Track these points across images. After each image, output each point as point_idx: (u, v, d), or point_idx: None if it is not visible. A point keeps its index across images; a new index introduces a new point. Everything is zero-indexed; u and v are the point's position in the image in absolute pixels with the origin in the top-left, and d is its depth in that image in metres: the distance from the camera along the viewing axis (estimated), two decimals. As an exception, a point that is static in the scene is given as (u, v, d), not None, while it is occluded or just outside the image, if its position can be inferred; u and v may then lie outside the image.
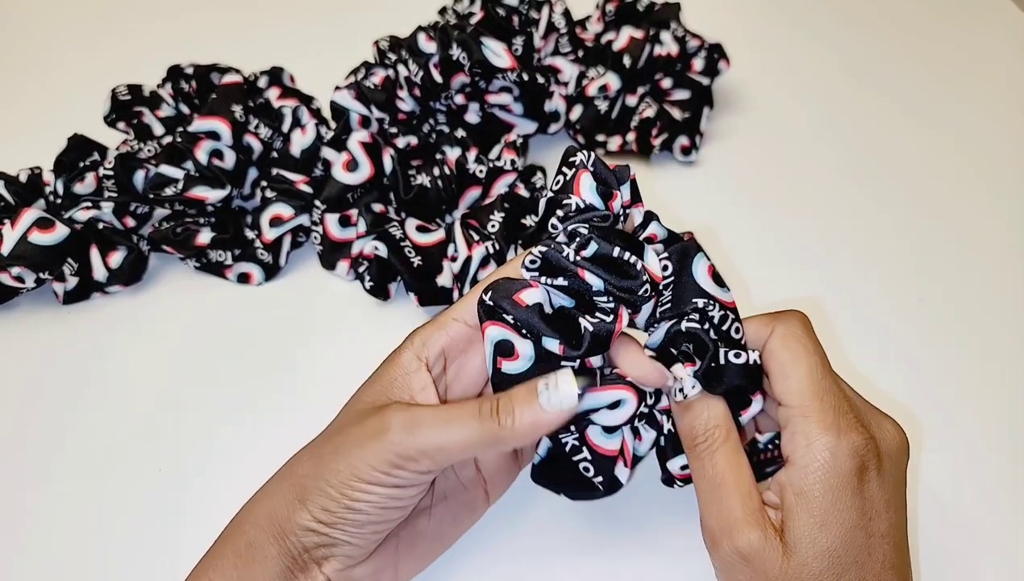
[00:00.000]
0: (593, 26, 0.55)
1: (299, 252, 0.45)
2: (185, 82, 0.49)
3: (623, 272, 0.26)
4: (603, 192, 0.27)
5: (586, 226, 0.27)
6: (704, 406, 0.26)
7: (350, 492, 0.25)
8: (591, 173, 0.27)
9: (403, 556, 0.29)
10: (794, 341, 0.26)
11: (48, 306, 0.42)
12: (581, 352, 0.26)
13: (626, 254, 0.26)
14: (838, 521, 0.24)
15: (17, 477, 0.36)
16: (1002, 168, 0.52)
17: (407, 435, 0.25)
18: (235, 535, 0.27)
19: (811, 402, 0.25)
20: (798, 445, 0.25)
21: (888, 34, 0.63)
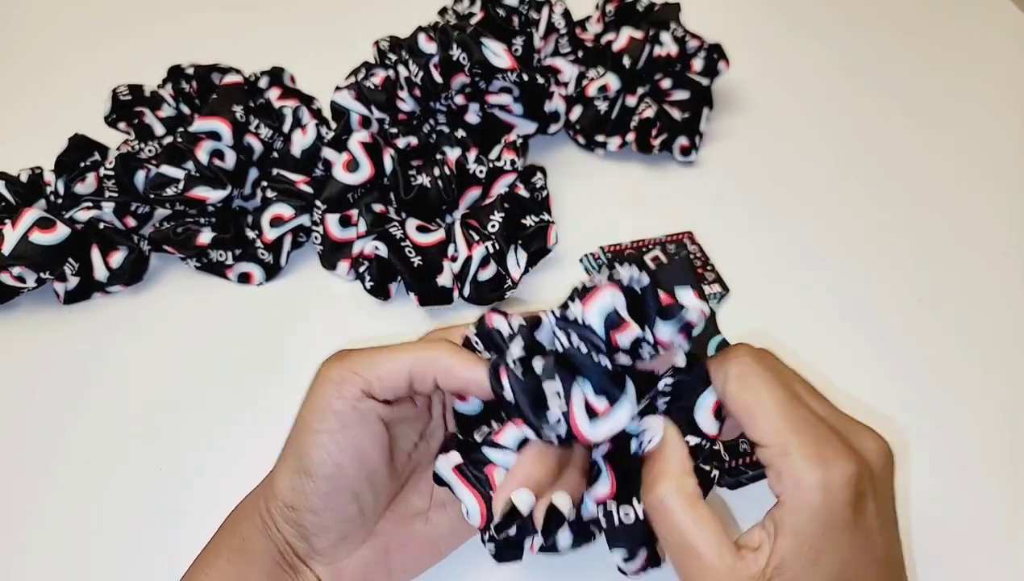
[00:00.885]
0: (593, 26, 0.55)
1: (300, 252, 0.45)
2: (186, 82, 0.49)
3: (537, 406, 0.25)
4: (613, 321, 0.25)
5: (567, 340, 0.25)
6: (661, 460, 0.25)
7: (303, 452, 0.26)
8: (620, 294, 0.25)
9: (395, 557, 0.29)
10: (751, 378, 0.25)
11: (49, 306, 0.42)
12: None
13: (555, 397, 0.24)
14: (831, 557, 0.23)
15: (17, 477, 0.36)
16: (1002, 168, 0.52)
17: (337, 364, 0.26)
18: (228, 532, 0.27)
19: (788, 437, 0.24)
20: (786, 487, 0.24)
21: (888, 34, 0.63)
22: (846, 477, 0.23)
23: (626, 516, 0.26)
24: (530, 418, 0.25)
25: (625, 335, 0.25)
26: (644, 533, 0.26)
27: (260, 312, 0.43)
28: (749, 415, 0.25)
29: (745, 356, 0.25)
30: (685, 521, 0.24)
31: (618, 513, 0.26)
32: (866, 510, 0.23)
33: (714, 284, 0.43)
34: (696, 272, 0.25)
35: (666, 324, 0.25)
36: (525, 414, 0.25)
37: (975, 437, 0.38)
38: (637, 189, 0.50)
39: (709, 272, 0.43)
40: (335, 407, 0.26)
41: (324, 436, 0.26)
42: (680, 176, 0.50)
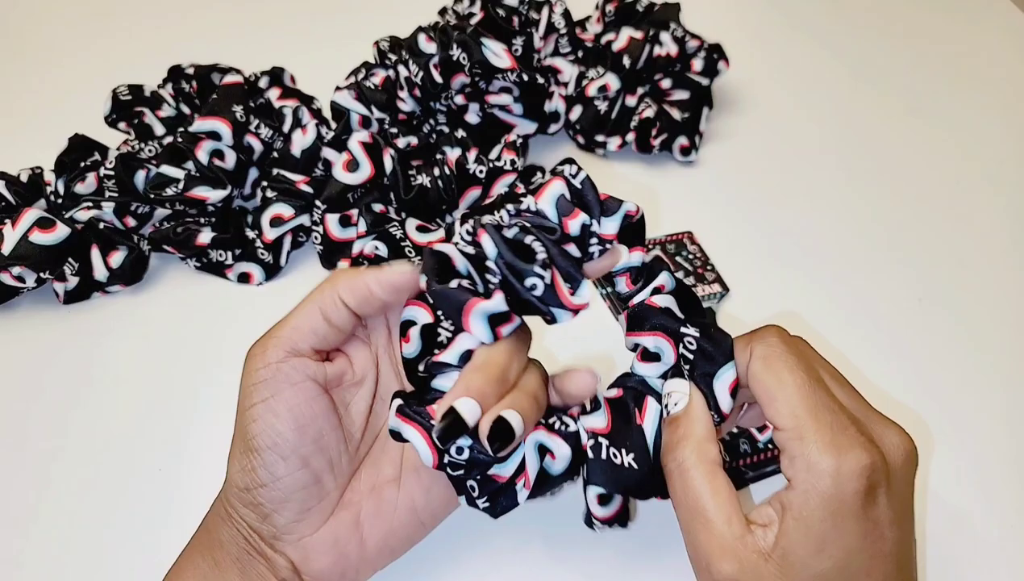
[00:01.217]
0: (593, 26, 0.55)
1: (299, 252, 0.45)
2: (186, 82, 0.49)
3: (523, 254, 0.25)
4: (563, 207, 0.26)
5: (525, 224, 0.26)
6: (688, 422, 0.26)
7: (244, 429, 0.26)
8: (566, 185, 0.27)
9: (368, 528, 0.28)
10: (775, 360, 0.25)
11: (49, 306, 0.42)
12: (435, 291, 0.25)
13: (539, 246, 0.25)
14: (837, 546, 0.23)
15: (17, 476, 0.36)
16: (1003, 168, 0.52)
17: (258, 340, 0.27)
18: (201, 528, 0.28)
19: (805, 422, 0.24)
20: (798, 469, 0.24)
21: (888, 34, 0.64)
22: (859, 467, 0.23)
23: (614, 456, 0.26)
24: (514, 261, 0.25)
25: (575, 221, 0.26)
26: (625, 481, 0.26)
27: (260, 312, 0.42)
28: (769, 396, 0.25)
29: (773, 338, 0.26)
30: (702, 486, 0.24)
31: (607, 450, 0.26)
32: (877, 503, 0.23)
33: (714, 284, 0.43)
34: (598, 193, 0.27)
35: (609, 219, 0.27)
36: (508, 258, 0.25)
37: (976, 435, 0.38)
38: (637, 189, 0.50)
39: (709, 272, 0.43)
40: (261, 377, 0.26)
41: (257, 409, 0.26)
42: (680, 176, 0.51)
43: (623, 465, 0.26)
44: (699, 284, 0.42)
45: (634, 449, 0.26)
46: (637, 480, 0.26)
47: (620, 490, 0.26)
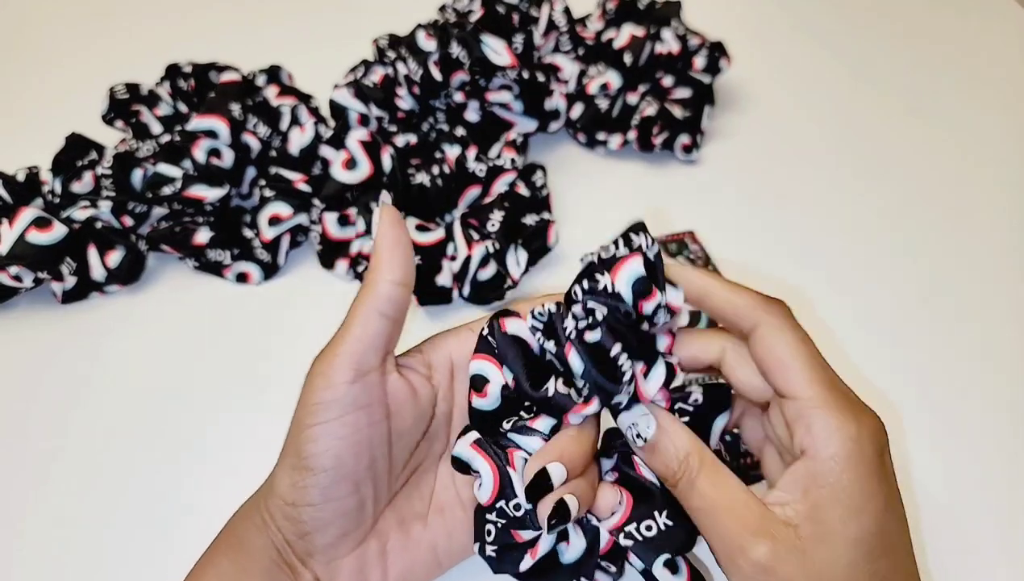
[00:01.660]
0: (594, 24, 0.55)
1: (298, 251, 0.45)
2: (183, 80, 0.49)
3: (611, 373, 0.25)
4: (639, 290, 0.25)
5: (603, 311, 0.25)
6: (669, 440, 0.26)
7: (302, 448, 0.25)
8: (643, 263, 0.25)
9: (393, 559, 0.28)
10: (789, 332, 0.25)
11: (46, 305, 0.42)
12: (536, 397, 0.25)
13: (623, 357, 0.25)
14: (870, 507, 0.23)
15: (16, 476, 0.36)
16: (1004, 167, 0.52)
17: (319, 356, 0.26)
18: (228, 533, 0.27)
19: (822, 391, 0.24)
20: (818, 437, 0.24)
21: (890, 32, 0.63)
22: (874, 431, 0.24)
23: (647, 529, 0.26)
24: (604, 383, 0.25)
25: (651, 302, 0.25)
26: (673, 540, 0.26)
27: (258, 312, 0.42)
28: (782, 366, 0.25)
29: (782, 310, 0.26)
30: (711, 487, 0.25)
31: (638, 531, 0.26)
32: (886, 466, 0.24)
33: None
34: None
35: (674, 289, 0.26)
36: (597, 379, 0.25)
37: (978, 437, 0.37)
38: (638, 188, 0.49)
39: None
40: (324, 398, 0.25)
41: (318, 429, 0.25)
42: (682, 174, 0.50)
43: (661, 528, 0.26)
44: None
45: (665, 505, 0.26)
46: (679, 535, 0.26)
47: (674, 550, 0.26)
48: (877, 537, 0.23)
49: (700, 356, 0.28)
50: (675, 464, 0.25)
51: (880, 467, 0.24)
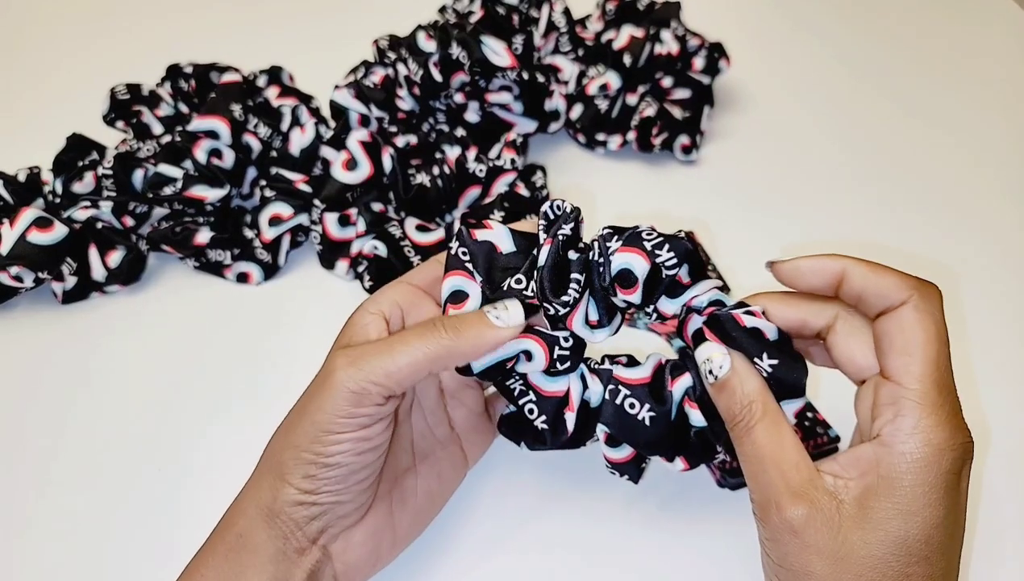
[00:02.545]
0: (593, 25, 0.55)
1: (298, 251, 0.45)
2: (184, 81, 0.49)
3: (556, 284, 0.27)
4: (625, 280, 0.27)
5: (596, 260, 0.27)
6: (738, 382, 0.26)
7: (323, 448, 0.26)
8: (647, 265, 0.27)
9: (398, 515, 0.30)
10: (931, 320, 0.25)
11: (47, 305, 0.42)
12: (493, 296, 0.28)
13: (574, 285, 0.27)
14: (924, 515, 0.23)
15: (16, 476, 0.36)
16: (1004, 167, 0.52)
17: (353, 371, 0.25)
18: (225, 528, 0.27)
19: (932, 392, 0.24)
20: (900, 429, 0.23)
21: (890, 33, 0.63)
22: (962, 447, 0.23)
23: (630, 406, 0.28)
24: (546, 289, 0.27)
25: (628, 296, 0.27)
26: (631, 431, 0.28)
27: (259, 312, 0.42)
28: (906, 349, 0.24)
29: (935, 296, 0.26)
30: (765, 436, 0.25)
31: (624, 398, 0.28)
32: (961, 485, 0.24)
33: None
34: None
35: (673, 300, 0.28)
36: (544, 284, 0.27)
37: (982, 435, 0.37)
38: (638, 188, 0.49)
39: (711, 271, 0.43)
40: (356, 414, 0.26)
41: (344, 436, 0.26)
42: (681, 175, 0.50)
43: (636, 417, 0.28)
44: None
45: (654, 409, 0.28)
46: (644, 435, 0.28)
47: (624, 436, 0.28)
48: (919, 544, 0.23)
49: (810, 320, 0.27)
50: (738, 407, 0.26)
51: (951, 482, 0.23)
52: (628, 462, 0.29)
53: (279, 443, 0.27)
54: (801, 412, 0.27)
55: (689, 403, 0.28)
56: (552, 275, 0.27)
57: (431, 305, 0.29)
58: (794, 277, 0.27)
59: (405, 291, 0.29)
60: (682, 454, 0.28)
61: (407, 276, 0.30)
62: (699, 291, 0.28)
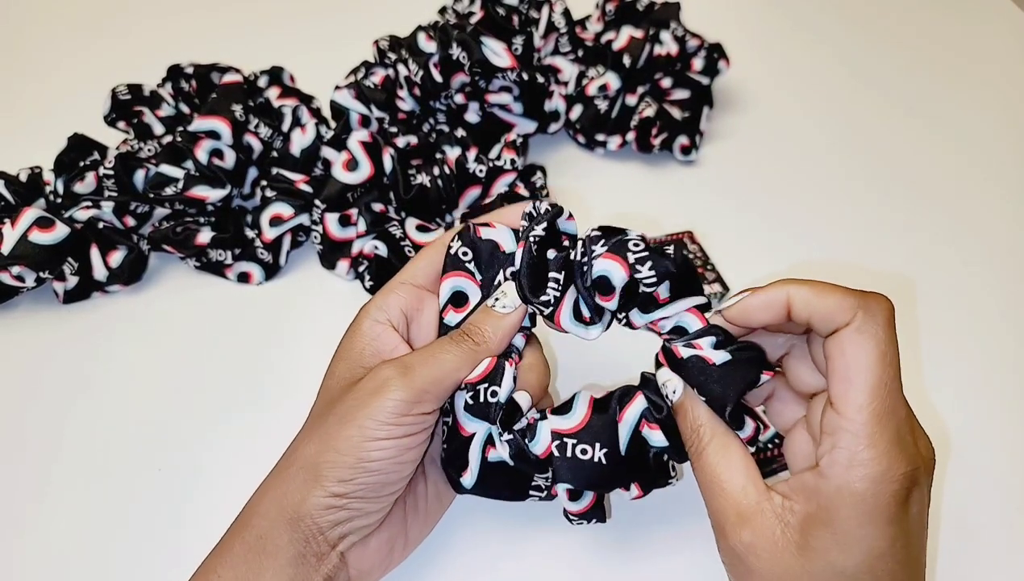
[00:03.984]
0: (593, 26, 0.55)
1: (299, 251, 0.45)
2: (185, 81, 0.49)
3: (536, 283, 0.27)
4: (602, 287, 0.27)
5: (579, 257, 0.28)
6: (690, 406, 0.26)
7: (364, 455, 0.26)
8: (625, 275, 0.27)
9: (411, 521, 0.30)
10: (872, 341, 0.23)
11: (48, 305, 0.42)
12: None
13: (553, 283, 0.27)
14: (863, 546, 0.23)
15: (17, 476, 0.36)
16: (1004, 167, 0.52)
17: (406, 380, 0.26)
18: (243, 528, 0.27)
19: (870, 423, 0.23)
20: (837, 461, 0.23)
21: (888, 33, 0.63)
22: (902, 476, 0.23)
23: (581, 453, 0.28)
24: (525, 288, 0.27)
25: (604, 302, 0.27)
26: (590, 476, 0.28)
27: (259, 311, 0.43)
28: (847, 375, 0.23)
29: (881, 313, 0.24)
30: (715, 458, 0.25)
31: (573, 448, 0.28)
32: (910, 512, 0.23)
33: (714, 283, 0.43)
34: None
35: (642, 315, 0.28)
36: (523, 283, 0.27)
37: (974, 441, 0.38)
38: (637, 188, 0.50)
39: (709, 271, 0.43)
40: (402, 421, 0.26)
41: (389, 443, 0.26)
42: (680, 175, 0.50)
43: (592, 460, 0.27)
44: None
45: (607, 445, 0.28)
46: (602, 474, 0.27)
47: (585, 484, 0.28)
48: (863, 574, 0.23)
49: (772, 352, 0.28)
50: (688, 431, 0.26)
51: (893, 513, 0.23)
52: (592, 508, 0.29)
53: (313, 447, 0.27)
54: (754, 436, 0.27)
55: (648, 425, 0.28)
56: (529, 275, 0.27)
57: (435, 305, 0.30)
58: (746, 319, 0.26)
59: (409, 294, 0.30)
60: (637, 480, 0.28)
61: (407, 274, 0.30)
62: (668, 313, 0.27)
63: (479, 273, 0.29)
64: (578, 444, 0.28)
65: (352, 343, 0.29)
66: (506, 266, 0.29)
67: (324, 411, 0.28)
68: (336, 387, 0.28)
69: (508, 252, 0.29)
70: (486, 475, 0.29)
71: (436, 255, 0.30)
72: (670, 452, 0.28)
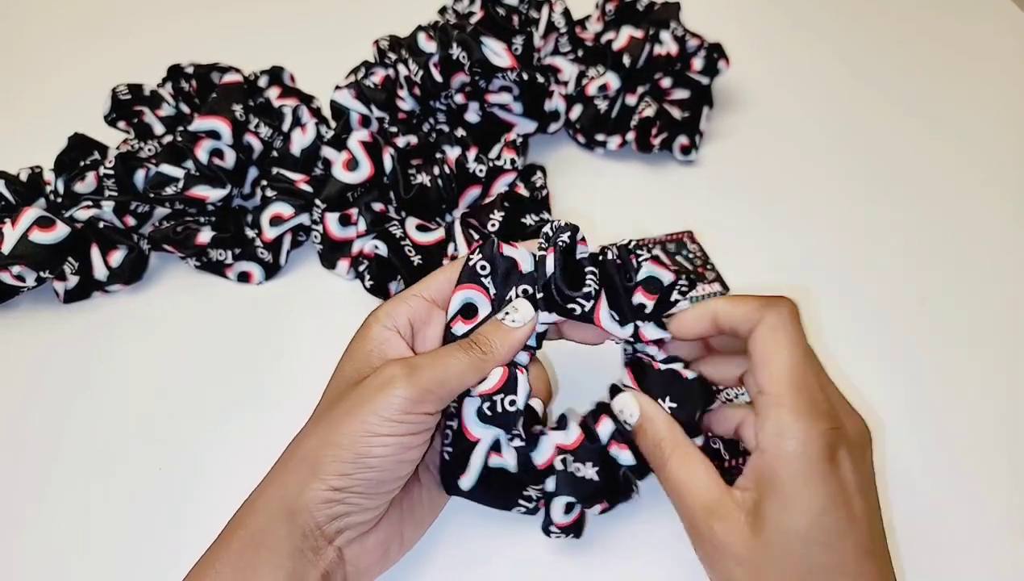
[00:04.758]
0: (593, 25, 0.55)
1: (299, 251, 0.45)
2: (185, 81, 0.49)
3: (574, 282, 0.29)
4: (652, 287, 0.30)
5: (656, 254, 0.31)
6: (648, 426, 0.29)
7: (365, 449, 0.26)
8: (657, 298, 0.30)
9: (406, 523, 0.30)
10: (781, 331, 0.27)
11: (49, 305, 0.42)
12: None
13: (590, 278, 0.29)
14: (806, 505, 0.25)
15: (17, 476, 0.36)
16: (1003, 167, 0.52)
17: (411, 379, 0.27)
18: (241, 523, 0.27)
19: (787, 392, 0.26)
20: (768, 432, 0.26)
21: (888, 33, 0.64)
22: (823, 433, 0.25)
23: (576, 470, 0.29)
24: (563, 288, 0.29)
25: (647, 299, 0.30)
26: (585, 491, 0.29)
27: (260, 311, 0.43)
28: (764, 360, 0.27)
29: (784, 309, 0.28)
30: (679, 468, 0.28)
31: (572, 464, 0.30)
32: (841, 467, 0.25)
33: (714, 283, 0.43)
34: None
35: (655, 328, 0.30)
36: (559, 286, 0.29)
37: (978, 435, 0.38)
38: (637, 188, 0.50)
39: (709, 271, 0.43)
40: (404, 419, 0.27)
41: (391, 440, 0.27)
42: (680, 175, 0.51)
43: (585, 478, 0.29)
44: (699, 283, 0.42)
45: (597, 463, 0.30)
46: (596, 490, 0.29)
47: (580, 497, 0.29)
48: (813, 532, 0.25)
49: (732, 373, 0.31)
50: (650, 447, 0.29)
51: (824, 469, 0.25)
52: (575, 522, 0.31)
53: (314, 441, 0.27)
54: (706, 444, 0.30)
55: (617, 445, 0.30)
56: (565, 276, 0.29)
57: (442, 320, 0.31)
58: (682, 331, 0.30)
59: (418, 306, 0.30)
60: (606, 495, 0.30)
61: (421, 287, 0.31)
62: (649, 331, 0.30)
63: (494, 288, 0.30)
64: (574, 461, 0.30)
65: (361, 345, 0.30)
66: (520, 285, 0.30)
67: (330, 407, 0.28)
68: (342, 385, 0.29)
69: (525, 272, 0.30)
70: (483, 481, 0.30)
71: (453, 274, 0.31)
72: (633, 468, 0.30)
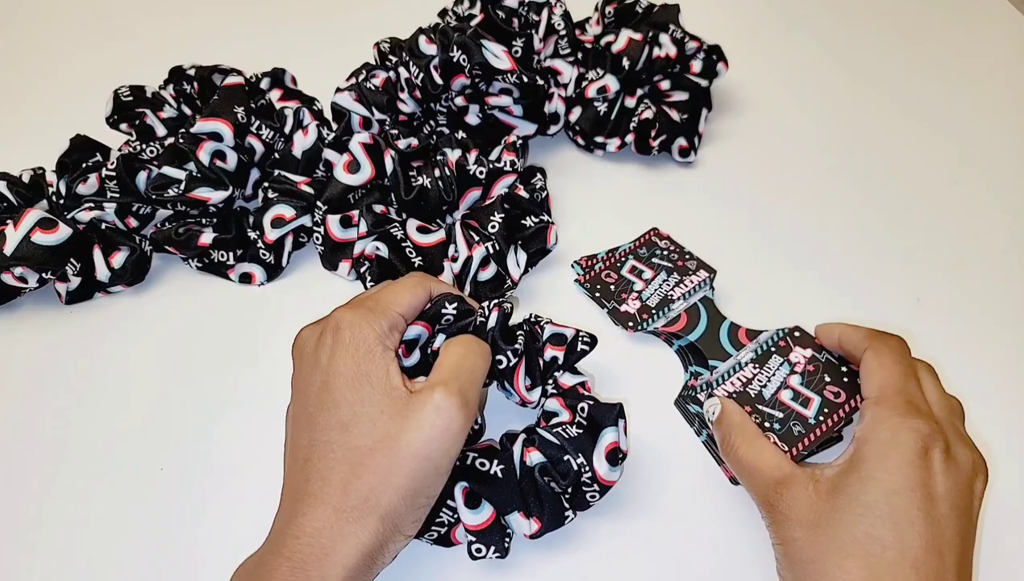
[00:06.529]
0: (592, 28, 0.55)
1: (301, 252, 0.46)
2: (187, 83, 0.49)
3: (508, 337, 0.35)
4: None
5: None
6: (724, 417, 0.34)
7: (436, 492, 0.29)
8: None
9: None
10: (886, 353, 0.32)
11: (51, 306, 0.42)
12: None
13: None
14: (882, 481, 0.27)
15: (20, 476, 0.36)
16: (1001, 168, 0.52)
17: (468, 411, 0.29)
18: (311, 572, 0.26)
19: (888, 394, 0.30)
20: (866, 424, 0.30)
21: (887, 35, 0.64)
22: (917, 428, 0.28)
23: (480, 465, 0.32)
24: (499, 340, 0.34)
25: (556, 352, 0.35)
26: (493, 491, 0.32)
27: (261, 312, 0.43)
28: (868, 373, 0.32)
29: (893, 340, 0.33)
30: (748, 451, 0.32)
31: (475, 460, 0.33)
32: (932, 467, 0.28)
33: (699, 271, 0.43)
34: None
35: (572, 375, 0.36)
36: (496, 337, 0.34)
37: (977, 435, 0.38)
38: (636, 190, 0.50)
39: (689, 261, 0.43)
40: (458, 448, 0.29)
41: (447, 468, 0.29)
42: (679, 177, 0.51)
43: (488, 472, 0.32)
44: (684, 277, 0.42)
45: (503, 462, 0.32)
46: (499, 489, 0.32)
47: (483, 492, 0.32)
48: (881, 506, 0.27)
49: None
50: (721, 441, 0.33)
51: (909, 458, 0.28)
52: (489, 527, 0.31)
53: (370, 482, 0.27)
54: None
55: (527, 450, 0.32)
56: (502, 332, 0.34)
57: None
58: (821, 340, 0.38)
59: (402, 327, 0.33)
60: (535, 515, 0.31)
61: (398, 305, 0.32)
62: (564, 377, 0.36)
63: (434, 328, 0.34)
64: (478, 458, 0.32)
65: (370, 368, 0.29)
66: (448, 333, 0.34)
67: (384, 440, 0.28)
68: (375, 415, 0.28)
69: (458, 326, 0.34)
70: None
71: (417, 295, 0.33)
72: (570, 501, 0.32)
